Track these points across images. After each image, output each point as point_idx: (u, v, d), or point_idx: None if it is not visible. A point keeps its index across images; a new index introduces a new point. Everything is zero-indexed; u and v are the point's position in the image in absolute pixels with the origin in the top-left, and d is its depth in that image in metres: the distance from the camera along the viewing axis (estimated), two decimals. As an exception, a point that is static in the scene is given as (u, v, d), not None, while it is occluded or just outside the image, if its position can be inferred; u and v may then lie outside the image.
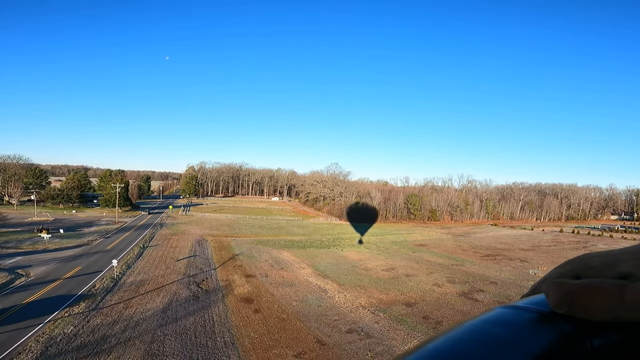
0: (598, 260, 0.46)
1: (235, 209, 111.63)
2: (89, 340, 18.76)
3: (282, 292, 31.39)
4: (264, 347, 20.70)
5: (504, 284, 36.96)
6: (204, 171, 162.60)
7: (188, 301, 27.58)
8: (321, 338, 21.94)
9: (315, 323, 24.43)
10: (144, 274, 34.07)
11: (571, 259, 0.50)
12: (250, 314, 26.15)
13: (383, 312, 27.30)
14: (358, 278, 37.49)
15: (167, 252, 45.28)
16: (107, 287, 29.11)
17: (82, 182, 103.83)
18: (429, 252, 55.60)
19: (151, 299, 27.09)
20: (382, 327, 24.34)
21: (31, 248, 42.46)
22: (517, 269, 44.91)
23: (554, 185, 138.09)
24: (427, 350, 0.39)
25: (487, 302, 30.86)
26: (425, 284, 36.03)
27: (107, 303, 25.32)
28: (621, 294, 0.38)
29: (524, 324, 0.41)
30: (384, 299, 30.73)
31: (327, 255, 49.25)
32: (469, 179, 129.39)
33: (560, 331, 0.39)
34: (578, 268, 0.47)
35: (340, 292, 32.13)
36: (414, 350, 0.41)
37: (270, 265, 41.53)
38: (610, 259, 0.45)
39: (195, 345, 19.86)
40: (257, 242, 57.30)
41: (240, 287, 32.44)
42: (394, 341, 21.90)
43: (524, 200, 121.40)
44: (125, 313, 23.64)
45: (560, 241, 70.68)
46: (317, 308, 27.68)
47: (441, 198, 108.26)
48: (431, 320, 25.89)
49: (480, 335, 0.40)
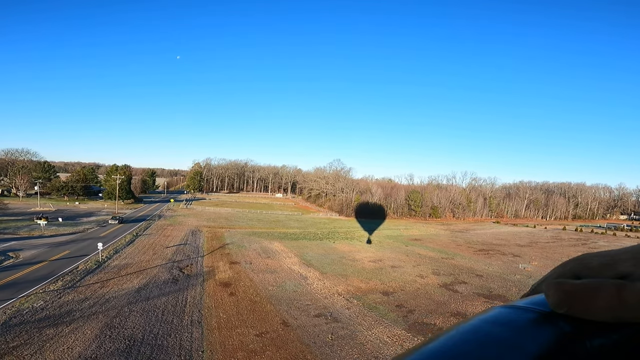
0: (597, 260, 0.45)
1: (237, 203, 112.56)
2: (53, 313, 19.29)
3: (262, 277, 31.61)
4: (229, 326, 20.91)
5: (489, 277, 36.41)
6: (209, 168, 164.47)
7: (166, 283, 28.02)
8: (287, 320, 22.04)
9: (286, 306, 24.55)
10: (130, 259, 34.73)
11: (570, 259, 0.49)
12: (225, 296, 26.42)
13: (357, 300, 27.23)
14: (342, 268, 37.46)
15: (158, 240, 46.03)
16: (90, 269, 29.81)
17: (89, 176, 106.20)
18: (422, 246, 55.13)
19: (129, 280, 27.63)
20: (353, 313, 24.28)
21: (27, 234, 43.71)
22: (507, 263, 44.17)
23: (562, 184, 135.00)
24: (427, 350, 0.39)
25: (467, 293, 30.46)
26: (408, 275, 35.76)
27: (84, 283, 25.94)
28: (621, 294, 0.37)
29: (523, 324, 0.40)
30: (362, 288, 30.65)
31: (317, 247, 49.32)
32: (473, 177, 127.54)
33: (560, 331, 0.39)
34: (577, 268, 0.47)
35: (320, 280, 32.17)
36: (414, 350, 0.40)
37: (258, 254, 41.84)
38: (610, 259, 0.44)
39: (159, 322, 20.20)
40: (250, 234, 57.75)
41: (222, 273, 32.78)
42: (360, 326, 21.82)
43: (529, 199, 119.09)
44: (99, 292, 24.20)
45: (560, 238, 69.14)
46: (292, 293, 27.79)
47: (443, 195, 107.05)
48: (404, 309, 25.69)
49: (479, 336, 0.39)
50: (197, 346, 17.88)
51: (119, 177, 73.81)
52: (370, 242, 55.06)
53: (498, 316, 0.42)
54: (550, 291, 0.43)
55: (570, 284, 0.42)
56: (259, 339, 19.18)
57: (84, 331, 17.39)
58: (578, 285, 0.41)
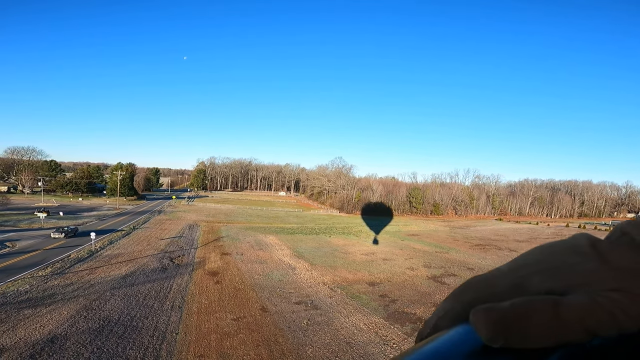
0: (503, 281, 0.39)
1: (239, 200, 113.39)
2: (36, 296, 19.80)
3: (250, 267, 31.87)
4: (208, 311, 21.15)
5: (480, 270, 36.06)
6: (213, 166, 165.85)
7: (154, 271, 28.43)
8: (266, 306, 22.21)
9: (268, 294, 24.74)
10: (123, 249, 35.30)
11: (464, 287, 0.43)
12: (211, 284, 26.71)
13: (342, 289, 27.27)
14: (333, 260, 37.52)
15: (155, 233, 46.66)
16: (81, 257, 30.41)
17: (94, 174, 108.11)
18: (418, 241, 54.86)
19: (117, 268, 28.12)
20: (334, 301, 24.34)
21: (27, 226, 44.74)
22: (502, 257, 43.75)
23: (568, 182, 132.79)
24: None
25: (454, 285, 29.93)
26: (399, 267, 35.66)
27: (73, 270, 26.48)
28: (557, 311, 0.33)
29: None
30: (349, 278, 30.67)
31: (312, 241, 49.47)
32: (476, 175, 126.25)
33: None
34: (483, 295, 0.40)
35: (308, 271, 32.29)
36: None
37: (251, 246, 42.17)
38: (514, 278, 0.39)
39: (139, 306, 20.54)
40: (247, 228, 58.15)
41: (212, 263, 33.13)
42: (339, 314, 21.85)
43: (533, 196, 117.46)
44: (86, 278, 24.70)
45: (562, 234, 68.07)
46: (277, 282, 27.96)
47: (445, 192, 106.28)
48: (387, 299, 25.63)
49: None
50: (173, 328, 18.14)
51: (119, 173, 74.90)
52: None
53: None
54: (479, 322, 0.35)
55: (500, 309, 0.35)
56: (235, 322, 19.38)
57: (60, 312, 17.81)
58: (508, 311, 0.35)
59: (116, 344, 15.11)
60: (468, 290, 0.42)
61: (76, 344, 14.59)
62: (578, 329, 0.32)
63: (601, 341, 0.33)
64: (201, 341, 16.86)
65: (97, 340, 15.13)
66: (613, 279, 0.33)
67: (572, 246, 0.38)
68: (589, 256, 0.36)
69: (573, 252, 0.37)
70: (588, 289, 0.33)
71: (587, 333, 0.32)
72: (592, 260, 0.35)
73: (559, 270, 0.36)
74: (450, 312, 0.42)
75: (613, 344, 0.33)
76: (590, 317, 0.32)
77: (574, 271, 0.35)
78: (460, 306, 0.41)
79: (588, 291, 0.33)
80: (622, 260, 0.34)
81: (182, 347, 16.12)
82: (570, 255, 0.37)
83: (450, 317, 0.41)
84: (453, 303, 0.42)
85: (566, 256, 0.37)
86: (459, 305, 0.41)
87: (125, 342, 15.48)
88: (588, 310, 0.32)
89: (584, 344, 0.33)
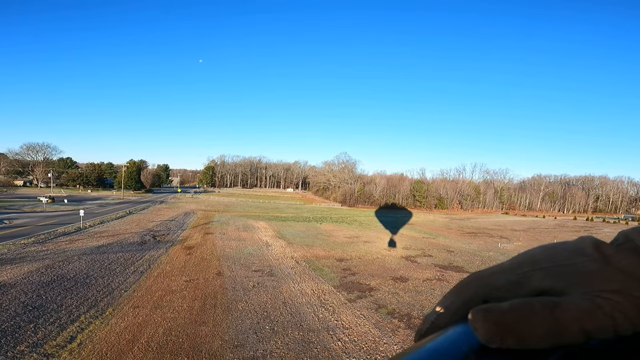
0: (503, 279, 0.39)
1: (244, 195, 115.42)
2: (9, 257, 21.33)
3: (227, 244, 32.82)
4: (166, 275, 22.06)
5: (460, 253, 35.71)
6: (223, 164, 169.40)
7: (132, 245, 29.77)
8: (223, 272, 22.99)
9: (231, 263, 25.52)
10: (112, 228, 37.06)
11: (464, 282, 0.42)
12: (182, 256, 27.73)
13: (308, 263, 27.71)
14: (312, 240, 38.00)
15: (148, 217, 48.51)
16: (67, 232, 32.21)
17: (105, 169, 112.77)
18: (411, 229, 54.47)
19: (97, 240, 29.65)
20: (293, 272, 24.80)
21: (30, 210, 47.50)
22: (489, 243, 43.00)
23: (584, 177, 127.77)
24: None
25: (425, 264, 30.09)
26: (376, 248, 35.74)
27: (55, 241, 28.16)
28: (555, 315, 0.32)
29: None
30: (320, 255, 31.09)
31: (301, 226, 50.09)
32: (484, 170, 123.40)
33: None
34: (483, 291, 0.39)
35: (283, 248, 32.91)
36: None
37: (237, 229, 43.21)
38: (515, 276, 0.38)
39: (101, 269, 21.72)
40: (241, 216, 59.42)
41: (192, 240, 34.27)
42: (291, 281, 22.23)
43: (544, 191, 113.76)
44: (62, 247, 26.25)
45: (564, 225, 65.94)
46: (247, 255, 28.72)
47: (450, 187, 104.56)
48: (348, 272, 25.76)
49: None
50: (124, 287, 19.09)
51: (124, 165, 77.97)
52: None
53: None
54: (478, 322, 0.34)
55: (498, 309, 0.34)
56: (186, 284, 20.22)
57: (21, 268, 19.17)
58: (507, 312, 0.34)
59: (58, 293, 16.17)
60: (469, 286, 0.41)
61: (19, 291, 15.76)
62: (576, 331, 0.32)
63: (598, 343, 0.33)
64: (144, 297, 17.73)
65: (40, 290, 16.25)
66: (615, 280, 0.33)
67: (576, 247, 0.38)
68: (592, 257, 0.36)
69: (576, 252, 0.37)
70: (588, 289, 0.33)
71: (585, 335, 0.32)
72: (595, 261, 0.35)
73: (561, 269, 0.36)
74: (450, 308, 0.41)
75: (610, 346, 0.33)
76: (588, 320, 0.32)
77: (576, 271, 0.35)
78: (461, 302, 0.40)
79: (588, 292, 0.33)
80: (625, 263, 0.34)
81: (123, 300, 17.00)
82: (574, 256, 0.37)
83: (449, 313, 0.41)
84: (453, 298, 0.41)
85: (569, 256, 0.37)
86: (459, 301, 0.40)
87: (68, 293, 16.54)
88: (587, 313, 0.32)
89: (581, 346, 0.33)
